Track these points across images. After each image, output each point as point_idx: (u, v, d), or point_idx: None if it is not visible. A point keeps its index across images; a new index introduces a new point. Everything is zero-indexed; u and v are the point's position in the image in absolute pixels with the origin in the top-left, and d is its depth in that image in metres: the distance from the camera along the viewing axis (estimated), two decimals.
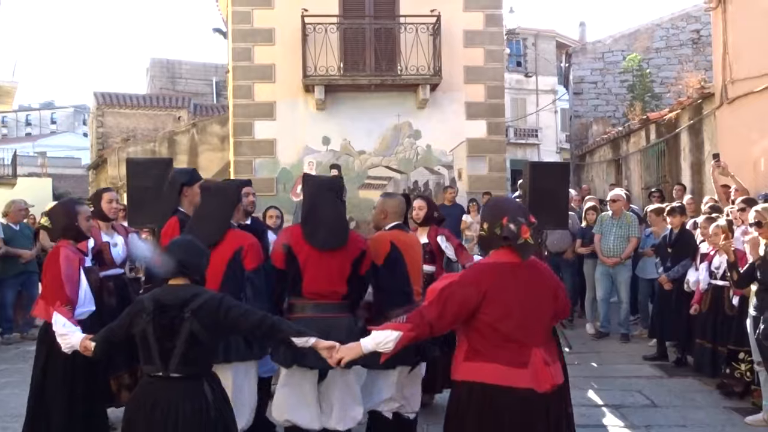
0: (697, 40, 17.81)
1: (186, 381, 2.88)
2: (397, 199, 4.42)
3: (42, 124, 53.52)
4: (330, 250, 3.82)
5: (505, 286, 2.77)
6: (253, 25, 11.85)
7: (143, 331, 2.91)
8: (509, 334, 2.74)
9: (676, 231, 6.99)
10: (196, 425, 2.82)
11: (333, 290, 3.85)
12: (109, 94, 21.64)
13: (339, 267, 3.87)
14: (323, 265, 3.83)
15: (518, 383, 2.69)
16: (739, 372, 5.48)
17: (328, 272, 3.83)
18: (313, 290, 3.84)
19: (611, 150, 15.32)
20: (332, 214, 3.90)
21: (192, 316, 2.87)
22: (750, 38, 8.33)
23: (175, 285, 2.98)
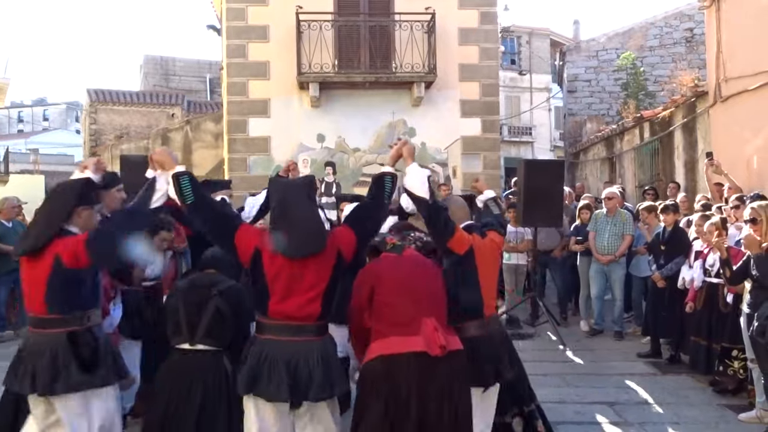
0: (691, 38, 17.87)
1: (209, 354, 3.48)
2: (460, 200, 4.10)
3: (34, 120, 53.21)
4: (303, 259, 3.14)
5: (391, 272, 3.38)
6: (248, 22, 11.81)
7: (174, 305, 3.57)
8: (400, 308, 3.25)
9: (670, 229, 7.01)
10: (217, 394, 3.41)
11: (306, 313, 3.15)
12: (102, 91, 21.54)
13: (313, 281, 3.15)
14: (294, 281, 3.13)
15: (413, 348, 3.14)
16: (732, 369, 5.50)
17: (300, 290, 3.14)
18: (280, 311, 3.15)
19: (605, 148, 15.36)
20: (305, 215, 3.24)
21: (218, 295, 3.53)
22: (743, 37, 8.35)
23: (207, 272, 3.70)
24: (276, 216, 3.32)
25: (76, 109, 47.11)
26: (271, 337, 3.14)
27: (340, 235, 3.31)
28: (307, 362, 3.05)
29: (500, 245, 3.80)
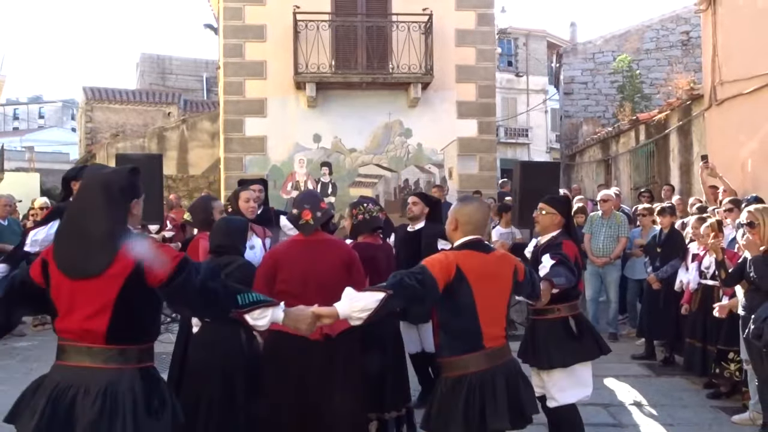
0: (687, 41, 17.93)
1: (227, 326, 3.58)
2: (475, 205, 3.21)
3: (30, 118, 53.01)
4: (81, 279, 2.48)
5: (292, 256, 3.62)
6: (245, 21, 11.81)
7: None
8: (291, 292, 3.48)
9: (666, 231, 7.04)
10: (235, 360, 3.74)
11: (86, 329, 2.47)
12: (98, 89, 21.50)
13: (96, 294, 2.47)
14: (76, 293, 2.49)
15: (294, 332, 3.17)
16: (728, 372, 5.52)
17: (83, 303, 2.48)
18: (64, 328, 2.53)
19: (601, 150, 15.40)
20: (91, 227, 2.50)
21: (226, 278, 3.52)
22: (739, 40, 8.39)
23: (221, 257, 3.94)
24: (63, 221, 2.71)
25: (72, 107, 46.97)
26: (62, 363, 2.54)
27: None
28: (85, 403, 2.42)
29: (512, 263, 3.17)
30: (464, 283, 2.94)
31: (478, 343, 2.97)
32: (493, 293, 3.04)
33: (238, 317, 2.61)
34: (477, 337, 2.97)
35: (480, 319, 2.98)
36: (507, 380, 2.98)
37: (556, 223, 4.09)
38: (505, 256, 3.23)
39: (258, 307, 2.62)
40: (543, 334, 3.97)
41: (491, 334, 3.01)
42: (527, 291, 3.35)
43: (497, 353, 3.02)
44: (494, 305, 3.05)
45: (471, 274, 2.95)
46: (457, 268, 2.93)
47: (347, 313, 2.75)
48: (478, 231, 3.13)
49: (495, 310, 3.05)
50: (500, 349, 3.05)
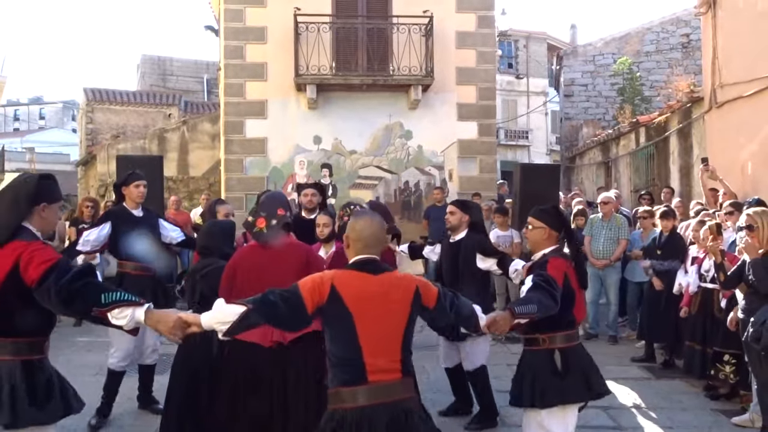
0: (687, 44, 17.95)
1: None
2: (366, 220, 2.90)
3: (30, 119, 53.06)
4: None
5: (248, 262, 3.65)
6: (246, 23, 11.82)
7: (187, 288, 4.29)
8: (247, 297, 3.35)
9: (666, 234, 7.05)
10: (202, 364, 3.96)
11: None
12: (99, 90, 21.50)
13: None
14: None
15: (248, 338, 3.36)
16: (723, 373, 5.53)
17: None
18: None
19: (601, 152, 15.41)
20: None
21: (201, 279, 4.01)
22: (739, 43, 8.40)
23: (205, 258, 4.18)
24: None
25: (73, 108, 47.00)
26: None
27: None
28: None
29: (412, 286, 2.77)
30: (341, 306, 2.65)
31: (360, 375, 2.63)
32: (381, 320, 2.67)
33: (100, 315, 2.66)
34: (359, 368, 2.63)
35: (363, 349, 2.64)
36: (390, 422, 2.59)
37: (546, 238, 3.55)
38: (403, 279, 2.81)
39: (118, 306, 2.65)
40: (523, 368, 3.49)
41: (377, 366, 2.64)
42: (443, 319, 2.93)
43: (384, 389, 2.63)
44: (383, 334, 2.67)
45: (350, 297, 2.65)
46: (331, 290, 2.65)
47: (210, 323, 2.65)
48: (369, 249, 2.81)
49: (384, 340, 2.67)
50: (389, 384, 2.65)
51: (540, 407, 3.34)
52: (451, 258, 5.12)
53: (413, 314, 2.75)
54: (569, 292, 3.42)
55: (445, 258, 5.27)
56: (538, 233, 3.57)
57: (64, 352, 7.02)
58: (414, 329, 2.81)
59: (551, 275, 3.30)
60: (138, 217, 5.33)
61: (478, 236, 5.05)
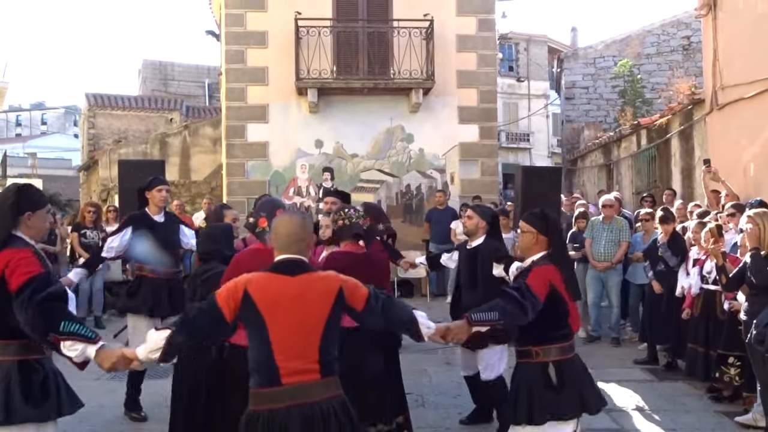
0: (688, 46, 17.96)
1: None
2: (284, 219, 2.87)
3: (32, 124, 53.20)
4: None
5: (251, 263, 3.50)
6: (247, 27, 11.85)
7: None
8: None
9: (667, 237, 7.03)
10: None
11: None
12: (100, 95, 21.56)
13: None
14: None
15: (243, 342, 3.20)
16: (728, 376, 5.51)
17: None
18: None
19: (602, 155, 15.40)
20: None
21: (201, 284, 4.07)
22: (740, 45, 8.40)
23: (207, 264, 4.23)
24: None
25: (75, 114, 47.09)
26: None
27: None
28: None
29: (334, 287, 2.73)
30: (254, 310, 2.64)
31: (274, 377, 2.63)
32: (295, 322, 2.64)
33: (54, 341, 2.75)
34: (272, 371, 2.63)
35: (274, 352, 2.63)
36: (305, 423, 2.59)
37: (535, 243, 3.40)
38: (324, 279, 2.76)
39: (71, 338, 2.73)
40: (516, 382, 3.37)
41: (291, 369, 2.62)
42: (373, 322, 2.85)
43: (299, 391, 2.61)
44: (298, 336, 2.64)
45: (263, 301, 2.64)
46: (244, 295, 2.65)
47: (144, 354, 2.67)
48: (289, 248, 2.76)
49: (299, 342, 2.65)
50: (306, 386, 2.63)
51: (536, 423, 3.22)
52: (469, 264, 5.05)
53: (334, 315, 2.71)
54: (558, 301, 3.25)
55: (462, 265, 5.19)
56: (527, 238, 3.43)
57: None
58: (337, 328, 2.76)
59: (529, 284, 3.17)
60: (159, 222, 5.39)
61: (494, 243, 4.97)
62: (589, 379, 3.40)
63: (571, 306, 3.37)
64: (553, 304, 3.22)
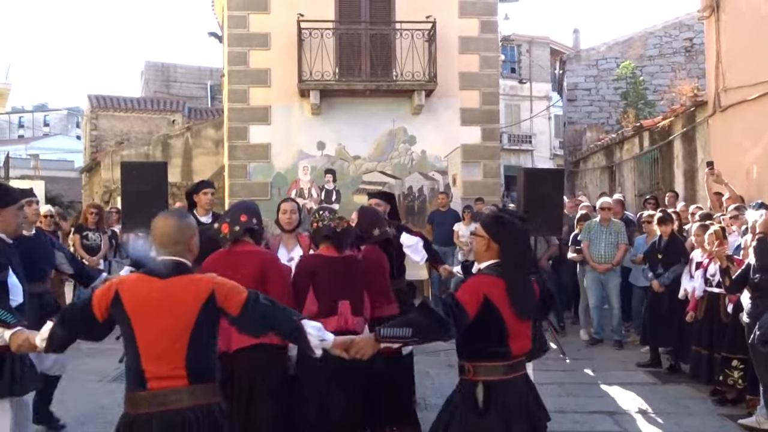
0: (690, 48, 17.95)
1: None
2: (159, 220, 2.79)
3: (35, 126, 53.30)
4: None
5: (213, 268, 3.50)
6: (249, 29, 11.85)
7: None
8: None
9: (666, 238, 7.03)
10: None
11: None
12: (103, 97, 21.59)
13: None
14: None
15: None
16: (732, 379, 5.50)
17: None
18: None
19: (605, 157, 15.39)
20: None
21: None
22: (743, 47, 8.39)
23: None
24: None
25: (77, 115, 47.18)
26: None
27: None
28: None
29: (205, 290, 2.64)
30: (122, 312, 2.61)
31: (141, 382, 2.58)
32: (162, 326, 2.57)
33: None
34: (139, 375, 2.58)
35: (141, 356, 2.57)
36: (164, 431, 2.53)
37: (486, 250, 3.05)
38: (196, 282, 2.66)
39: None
40: (449, 399, 3.05)
41: (156, 373, 2.56)
42: (253, 329, 2.76)
43: (162, 397, 2.55)
44: (163, 340, 2.57)
45: (130, 302, 2.60)
46: (114, 295, 2.62)
47: (39, 342, 2.76)
48: (164, 250, 2.70)
49: (165, 346, 2.57)
50: (170, 392, 2.56)
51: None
52: None
53: (203, 319, 2.61)
54: (493, 317, 2.87)
55: None
56: (479, 243, 3.08)
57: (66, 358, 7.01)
58: (211, 334, 2.67)
59: (457, 297, 2.84)
60: (206, 223, 5.47)
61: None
62: (525, 411, 2.95)
63: (513, 324, 2.92)
64: (486, 320, 2.86)
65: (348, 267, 4.14)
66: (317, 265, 4.09)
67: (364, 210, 4.79)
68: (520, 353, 2.99)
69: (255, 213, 4.05)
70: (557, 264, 9.09)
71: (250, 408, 3.76)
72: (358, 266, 4.26)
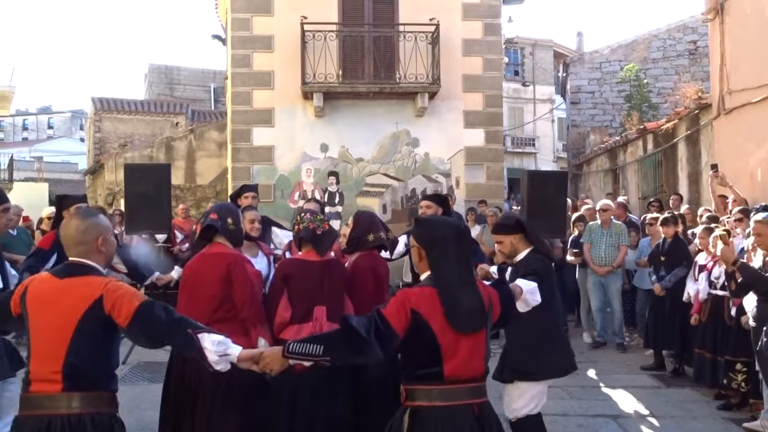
0: (694, 50, 17.91)
1: None
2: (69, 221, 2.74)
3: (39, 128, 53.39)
4: None
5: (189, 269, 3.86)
6: (253, 32, 11.86)
7: None
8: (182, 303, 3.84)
9: (670, 240, 7.02)
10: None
11: None
12: (106, 100, 21.63)
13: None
14: None
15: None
16: (736, 382, 5.47)
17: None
18: None
19: (608, 159, 15.36)
20: None
21: None
22: (747, 49, 8.37)
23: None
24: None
25: (81, 118, 47.25)
26: None
27: None
28: None
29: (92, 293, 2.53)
30: (24, 309, 2.61)
31: (27, 382, 2.55)
32: (49, 325, 2.53)
33: None
34: (27, 375, 2.57)
35: (31, 356, 2.56)
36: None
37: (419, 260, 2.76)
38: (87, 286, 2.56)
39: None
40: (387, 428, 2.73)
41: (38, 375, 2.51)
42: (146, 341, 2.60)
43: (37, 401, 2.50)
44: (47, 342, 2.52)
45: (30, 301, 2.59)
46: (23, 293, 2.63)
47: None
48: (70, 251, 2.66)
49: (48, 348, 2.51)
50: (45, 397, 2.49)
51: None
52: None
53: (87, 324, 2.50)
54: (423, 334, 2.55)
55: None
56: (413, 254, 2.80)
57: None
58: (101, 341, 2.55)
59: (384, 313, 2.54)
60: None
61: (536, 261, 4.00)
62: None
63: (448, 340, 2.56)
64: (416, 336, 2.56)
65: (327, 271, 3.93)
66: (293, 269, 3.99)
67: (360, 215, 4.55)
68: (462, 375, 2.56)
69: (229, 214, 3.97)
70: (560, 267, 9.06)
71: (211, 417, 3.62)
72: (340, 271, 4.05)
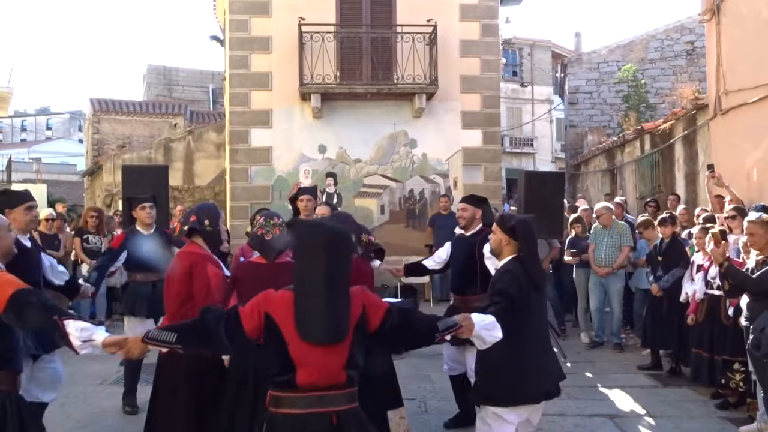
0: (692, 51, 17.94)
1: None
2: None
3: (37, 130, 53.42)
4: None
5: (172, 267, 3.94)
6: (251, 33, 11.88)
7: None
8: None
9: (667, 240, 7.03)
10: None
11: None
12: (105, 101, 21.64)
13: None
14: None
15: None
16: (734, 382, 5.49)
17: None
18: None
19: (606, 160, 15.39)
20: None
21: None
22: (744, 50, 8.39)
23: None
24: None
25: (80, 119, 47.25)
26: None
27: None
28: None
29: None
30: None
31: None
32: None
33: None
34: None
35: None
36: None
37: None
38: None
39: None
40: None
41: None
42: (19, 327, 2.87)
43: None
44: None
45: None
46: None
47: None
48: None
49: None
50: None
51: None
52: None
53: None
54: (276, 339, 2.55)
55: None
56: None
57: (69, 361, 7.02)
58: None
59: (239, 309, 2.62)
60: None
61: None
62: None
63: (299, 348, 2.52)
64: (270, 340, 2.57)
65: (278, 274, 3.71)
66: (242, 272, 4.00)
67: (336, 216, 4.54)
68: (319, 383, 2.52)
69: (207, 215, 3.95)
70: (558, 267, 9.09)
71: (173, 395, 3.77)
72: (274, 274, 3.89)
